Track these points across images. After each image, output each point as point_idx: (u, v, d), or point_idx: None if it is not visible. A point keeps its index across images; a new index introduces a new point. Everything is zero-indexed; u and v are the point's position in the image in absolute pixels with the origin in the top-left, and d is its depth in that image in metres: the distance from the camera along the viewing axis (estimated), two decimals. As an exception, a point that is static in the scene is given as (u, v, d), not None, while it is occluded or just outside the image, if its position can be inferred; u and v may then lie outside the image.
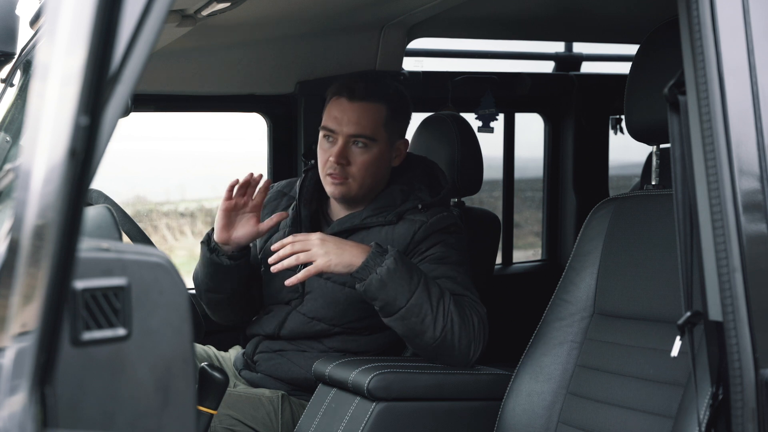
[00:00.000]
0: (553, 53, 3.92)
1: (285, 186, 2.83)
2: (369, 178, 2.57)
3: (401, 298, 2.29)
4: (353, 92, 2.55)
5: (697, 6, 1.41)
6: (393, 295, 2.29)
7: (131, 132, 3.49)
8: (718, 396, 1.40)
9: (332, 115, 2.56)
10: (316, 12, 2.84)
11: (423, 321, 2.30)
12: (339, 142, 2.54)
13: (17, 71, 2.47)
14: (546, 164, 3.99)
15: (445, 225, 2.54)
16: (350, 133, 2.54)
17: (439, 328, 2.30)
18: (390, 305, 2.30)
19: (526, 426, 2.21)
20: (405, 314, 2.30)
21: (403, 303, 2.29)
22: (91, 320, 1.02)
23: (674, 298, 2.02)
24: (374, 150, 2.56)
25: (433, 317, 2.30)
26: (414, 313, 2.29)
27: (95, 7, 0.91)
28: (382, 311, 2.34)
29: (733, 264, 1.38)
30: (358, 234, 2.58)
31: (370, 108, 2.55)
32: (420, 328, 2.30)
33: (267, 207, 2.75)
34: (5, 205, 1.63)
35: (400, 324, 2.32)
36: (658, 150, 2.23)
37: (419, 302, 2.29)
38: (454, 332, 2.32)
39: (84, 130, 0.92)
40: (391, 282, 2.28)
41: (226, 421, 2.45)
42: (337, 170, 2.53)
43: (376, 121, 2.56)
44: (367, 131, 2.54)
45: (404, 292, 2.28)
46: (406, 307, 2.29)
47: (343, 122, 2.54)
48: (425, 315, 2.29)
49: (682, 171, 1.45)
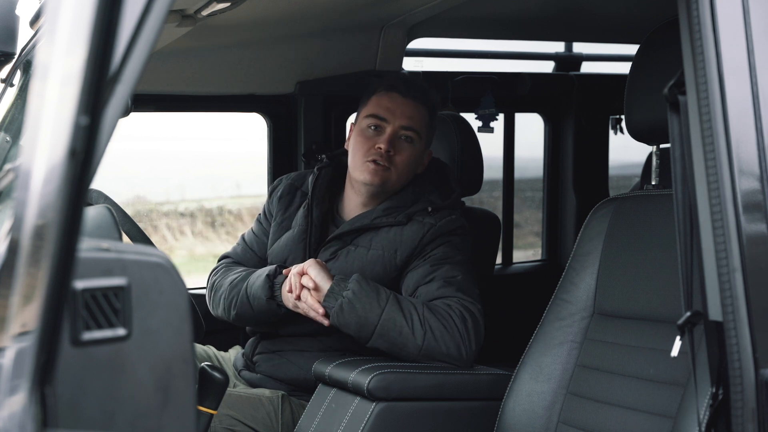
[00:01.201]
0: (553, 53, 3.92)
1: (295, 179, 2.84)
2: (406, 173, 2.63)
3: (372, 316, 2.35)
4: (409, 88, 2.64)
5: (697, 6, 1.41)
6: (364, 315, 2.35)
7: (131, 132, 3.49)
8: (718, 396, 1.40)
9: (384, 106, 2.63)
10: (316, 12, 2.84)
11: (401, 333, 2.35)
12: (388, 131, 2.61)
13: (17, 71, 2.47)
14: (546, 164, 3.99)
15: (452, 228, 2.57)
16: (402, 124, 2.61)
17: (419, 337, 2.35)
18: (364, 326, 2.36)
19: (526, 426, 2.21)
20: (381, 330, 2.35)
21: (375, 320, 2.35)
22: (91, 320, 1.02)
23: (674, 298, 2.02)
24: (417, 147, 2.63)
25: (410, 328, 2.34)
26: (389, 327, 2.35)
27: (95, 7, 0.91)
28: (360, 336, 2.39)
29: (733, 264, 1.38)
30: (367, 234, 2.59)
31: (420, 107, 2.64)
32: (401, 341, 2.35)
33: (281, 201, 2.78)
34: (5, 205, 1.63)
35: (381, 341, 2.37)
36: (658, 150, 2.23)
37: (391, 316, 2.35)
38: (436, 338, 2.35)
39: (84, 130, 0.92)
40: (358, 302, 2.36)
41: (226, 421, 2.45)
42: (384, 158, 2.59)
43: (423, 120, 2.65)
44: (416, 125, 2.62)
45: (374, 308, 2.35)
46: (379, 323, 2.35)
47: (396, 113, 2.61)
48: (401, 327, 2.34)
49: (682, 171, 1.45)
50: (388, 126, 2.60)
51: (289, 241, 2.69)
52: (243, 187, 10.71)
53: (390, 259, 2.54)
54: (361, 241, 2.59)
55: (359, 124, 2.66)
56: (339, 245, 2.61)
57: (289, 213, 2.76)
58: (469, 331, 2.37)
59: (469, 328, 2.37)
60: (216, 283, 2.72)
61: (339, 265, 2.58)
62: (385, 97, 2.63)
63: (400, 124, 2.60)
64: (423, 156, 2.68)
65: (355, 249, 2.58)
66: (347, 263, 2.57)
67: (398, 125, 2.60)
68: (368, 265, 2.55)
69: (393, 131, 2.60)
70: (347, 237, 2.61)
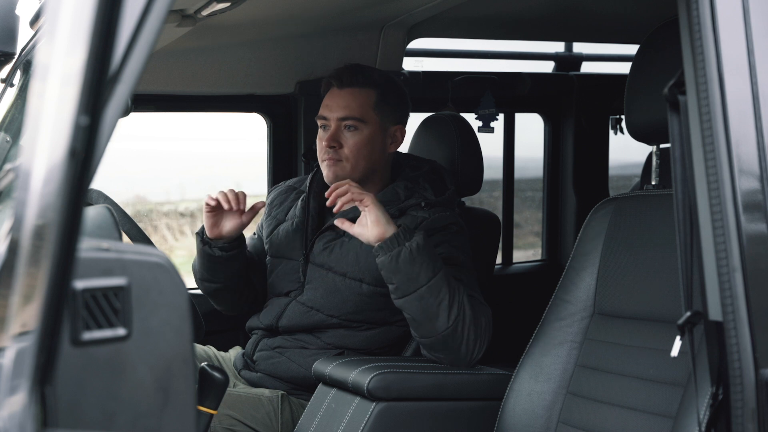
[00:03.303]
0: (553, 53, 3.92)
1: (296, 182, 2.91)
2: (362, 160, 2.64)
3: (423, 276, 2.31)
4: (341, 79, 2.67)
5: (697, 6, 1.41)
6: (417, 271, 2.31)
7: (131, 132, 3.49)
8: (718, 396, 1.40)
9: (324, 104, 2.69)
10: (316, 12, 2.84)
11: (440, 304, 2.31)
12: (331, 127, 2.65)
13: (17, 71, 2.47)
14: (546, 164, 3.99)
15: (445, 223, 2.56)
16: (339, 116, 2.64)
17: (453, 316, 2.32)
18: (412, 281, 2.31)
19: (526, 426, 2.21)
20: (425, 293, 2.31)
21: (424, 281, 2.31)
22: (91, 320, 1.02)
23: (674, 298, 2.02)
24: (365, 132, 2.64)
25: (449, 303, 2.32)
26: (433, 293, 2.31)
27: (95, 7, 0.91)
28: (400, 289, 2.34)
29: (733, 264, 1.38)
30: None
31: (358, 92, 2.66)
32: (435, 311, 2.31)
33: (276, 201, 2.84)
34: (5, 205, 1.63)
35: (417, 305, 2.32)
36: (658, 150, 2.23)
37: (439, 284, 2.32)
38: (465, 324, 2.34)
39: (84, 130, 0.92)
40: (419, 257, 2.31)
41: (226, 421, 2.46)
42: (330, 153, 2.63)
43: (364, 104, 2.66)
44: (355, 113, 2.64)
45: (428, 270, 2.31)
46: (427, 285, 2.31)
47: (333, 108, 2.66)
48: (443, 298, 2.32)
49: (682, 171, 1.45)
50: (330, 122, 2.66)
51: (287, 232, 2.74)
52: (243, 187, 10.70)
53: None
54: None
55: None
56: (333, 236, 2.65)
57: (283, 207, 2.82)
58: (488, 330, 2.40)
59: (488, 328, 2.40)
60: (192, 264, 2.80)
61: (335, 257, 2.61)
62: (326, 95, 2.70)
63: (337, 116, 2.64)
64: (382, 136, 2.67)
65: (348, 240, 2.61)
66: (342, 254, 2.60)
67: (336, 118, 2.65)
68: (362, 256, 2.57)
69: (335, 126, 2.65)
70: (340, 228, 2.61)
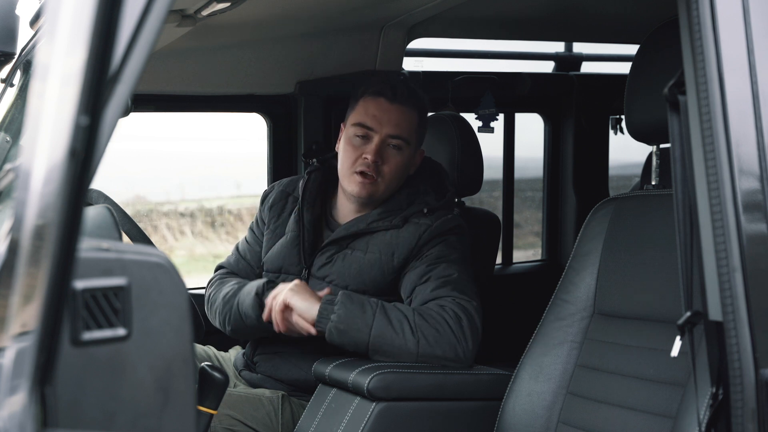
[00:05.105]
0: (553, 53, 3.92)
1: (287, 185, 2.80)
2: (395, 180, 2.59)
3: (362, 336, 2.34)
4: (395, 94, 2.55)
5: (697, 6, 1.41)
6: (354, 336, 2.34)
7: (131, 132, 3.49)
8: (718, 396, 1.40)
9: (370, 113, 2.55)
10: (316, 12, 2.84)
11: (393, 345, 2.34)
12: (375, 140, 2.54)
13: (17, 71, 2.48)
14: (546, 164, 3.99)
15: (449, 227, 2.55)
16: (390, 133, 2.54)
17: (413, 346, 2.34)
18: (358, 345, 2.36)
19: (526, 426, 2.21)
20: (374, 347, 2.35)
21: (366, 339, 2.34)
22: (91, 320, 1.02)
23: (674, 298, 2.01)
24: (406, 153, 2.57)
25: (402, 339, 2.33)
26: (381, 342, 2.34)
27: (95, 7, 0.91)
28: (358, 352, 2.38)
29: (733, 264, 1.38)
30: (363, 237, 2.57)
31: (408, 112, 2.57)
32: (396, 351, 2.34)
33: (273, 209, 2.75)
34: (5, 205, 1.63)
35: (378, 356, 2.36)
36: (658, 150, 2.23)
37: (380, 331, 2.33)
38: (430, 344, 2.34)
39: (84, 130, 0.92)
40: (346, 325, 2.33)
41: (226, 421, 2.45)
42: (372, 168, 2.53)
43: (411, 125, 2.58)
44: (404, 133, 2.56)
45: (362, 327, 2.33)
46: (370, 341, 2.34)
47: (383, 122, 2.54)
48: (392, 340, 2.33)
49: (682, 171, 1.45)
50: (376, 135, 2.54)
51: (283, 248, 2.66)
52: (243, 187, 10.72)
53: (387, 262, 2.52)
54: (357, 245, 2.57)
55: (347, 131, 2.60)
56: (335, 249, 2.59)
57: (282, 219, 2.73)
58: (465, 330, 2.36)
59: (464, 327, 2.36)
60: (211, 296, 2.71)
61: (336, 269, 2.56)
62: (371, 104, 2.55)
63: (387, 132, 2.54)
64: (413, 159, 2.63)
65: (351, 252, 2.56)
66: (344, 267, 2.55)
67: (385, 134, 2.54)
68: (365, 269, 2.53)
69: (380, 140, 2.53)
70: (343, 241, 2.59)
